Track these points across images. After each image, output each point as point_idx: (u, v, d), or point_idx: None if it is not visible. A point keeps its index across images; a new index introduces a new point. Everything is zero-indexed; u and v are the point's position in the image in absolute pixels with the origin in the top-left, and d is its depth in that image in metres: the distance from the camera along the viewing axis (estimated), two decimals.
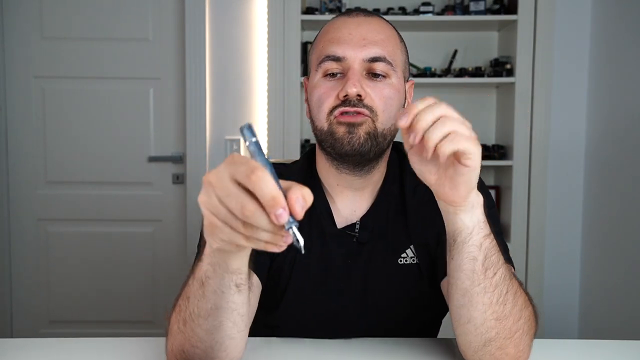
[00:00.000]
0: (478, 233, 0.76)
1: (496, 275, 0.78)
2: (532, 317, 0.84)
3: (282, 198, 0.55)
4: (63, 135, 2.72)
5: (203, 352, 0.79)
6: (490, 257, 0.77)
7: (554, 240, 2.66)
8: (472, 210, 0.75)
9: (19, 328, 2.78)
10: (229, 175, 0.57)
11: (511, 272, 0.81)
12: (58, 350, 0.99)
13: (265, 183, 0.55)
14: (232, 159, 0.58)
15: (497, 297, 0.78)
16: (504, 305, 0.79)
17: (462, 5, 2.51)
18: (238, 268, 0.71)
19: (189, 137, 2.63)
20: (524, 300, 0.82)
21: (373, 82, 0.95)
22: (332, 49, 0.96)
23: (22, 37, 2.69)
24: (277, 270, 1.03)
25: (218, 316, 0.76)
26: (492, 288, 0.78)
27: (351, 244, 1.02)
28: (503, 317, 0.79)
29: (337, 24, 0.99)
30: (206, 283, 0.74)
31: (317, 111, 0.97)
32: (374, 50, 0.95)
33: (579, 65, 2.62)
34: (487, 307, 0.79)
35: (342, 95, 0.93)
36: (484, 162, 2.52)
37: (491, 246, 0.77)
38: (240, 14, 2.63)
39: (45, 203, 2.75)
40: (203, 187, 0.60)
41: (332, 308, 1.03)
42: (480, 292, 0.78)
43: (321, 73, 0.97)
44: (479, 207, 0.76)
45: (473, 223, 0.76)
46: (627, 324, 2.23)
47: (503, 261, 0.79)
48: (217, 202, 0.58)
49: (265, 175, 0.55)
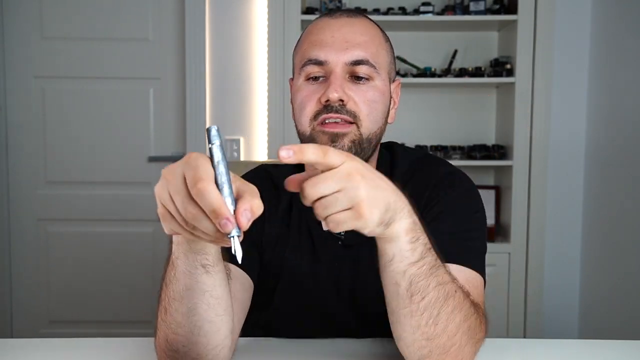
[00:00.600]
0: (401, 261, 0.73)
1: (425, 299, 0.75)
2: (475, 326, 0.82)
3: (223, 209, 0.58)
4: (63, 135, 2.72)
5: (184, 337, 0.79)
6: (417, 283, 0.74)
7: (554, 240, 2.66)
8: (392, 240, 0.72)
9: (19, 328, 2.78)
10: (181, 174, 0.61)
11: (448, 291, 0.77)
12: (58, 350, 0.99)
13: (207, 196, 0.57)
14: (187, 159, 0.61)
15: (426, 319, 0.76)
16: (435, 325, 0.77)
17: (462, 5, 2.51)
18: (201, 249, 0.72)
19: (189, 137, 2.63)
20: (464, 314, 0.79)
21: (356, 85, 0.94)
22: (314, 52, 0.95)
23: (22, 37, 2.69)
24: (266, 269, 1.03)
25: (192, 297, 0.76)
26: (420, 312, 0.76)
27: (337, 246, 1.02)
28: (435, 336, 0.78)
29: (319, 25, 0.98)
30: (176, 264, 0.74)
31: (300, 115, 0.97)
32: (356, 52, 0.94)
33: (579, 65, 2.62)
34: (416, 329, 0.77)
35: (323, 100, 0.92)
36: (484, 162, 2.53)
37: (420, 272, 0.74)
38: (240, 14, 2.63)
39: (45, 203, 2.75)
40: (161, 178, 0.63)
41: (322, 308, 1.03)
42: (407, 314, 0.77)
43: (304, 76, 0.96)
44: (404, 236, 0.72)
45: (393, 252, 0.73)
46: (627, 324, 2.23)
47: (436, 284, 0.76)
48: (168, 196, 0.62)
49: (207, 188, 0.58)
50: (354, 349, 0.98)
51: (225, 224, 0.58)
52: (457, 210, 0.99)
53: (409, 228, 0.72)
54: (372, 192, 0.65)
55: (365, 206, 0.64)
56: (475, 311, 0.82)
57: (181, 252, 0.73)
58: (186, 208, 0.59)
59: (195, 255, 0.73)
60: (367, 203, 0.65)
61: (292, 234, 1.03)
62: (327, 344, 1.00)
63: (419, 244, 0.74)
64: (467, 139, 2.70)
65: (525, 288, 2.54)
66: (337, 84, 0.92)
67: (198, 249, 0.72)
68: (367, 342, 1.01)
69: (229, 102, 2.66)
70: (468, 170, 1.17)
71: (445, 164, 1.07)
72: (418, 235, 0.73)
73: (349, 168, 0.64)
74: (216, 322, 0.79)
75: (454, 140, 2.69)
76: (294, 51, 1.03)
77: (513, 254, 2.54)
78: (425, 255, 0.74)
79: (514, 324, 2.55)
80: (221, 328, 0.81)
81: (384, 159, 1.05)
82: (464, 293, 0.81)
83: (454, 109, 2.74)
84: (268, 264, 1.03)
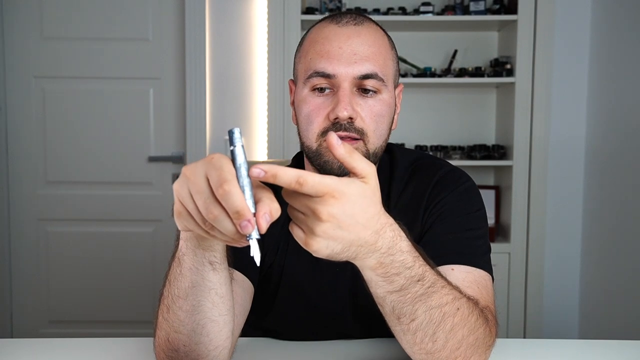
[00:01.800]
0: (377, 288, 0.73)
1: (414, 322, 0.75)
2: (484, 336, 0.81)
3: (246, 211, 0.59)
4: (63, 135, 2.72)
5: (186, 336, 0.79)
6: (400, 309, 0.74)
7: (554, 240, 2.66)
8: (362, 268, 0.72)
9: (19, 328, 2.78)
10: (203, 174, 0.61)
11: (444, 312, 0.75)
12: (58, 350, 0.99)
13: (232, 197, 0.58)
14: (210, 160, 0.61)
15: (420, 337, 0.76)
16: (434, 342, 0.76)
17: (462, 5, 2.51)
18: (210, 246, 0.73)
19: (189, 137, 2.63)
20: (468, 329, 0.78)
21: (363, 99, 0.93)
22: (321, 64, 0.92)
23: (22, 37, 2.69)
24: (267, 274, 1.03)
25: (197, 295, 0.76)
26: (412, 332, 0.76)
27: None
28: (435, 350, 0.77)
29: (325, 34, 0.95)
30: (182, 260, 0.75)
31: (306, 128, 0.95)
32: (365, 66, 0.92)
33: (579, 66, 2.62)
34: (412, 345, 0.77)
35: (332, 118, 0.91)
36: (484, 162, 2.53)
37: (403, 300, 0.73)
38: (240, 14, 2.63)
39: (45, 203, 2.75)
40: (180, 176, 0.64)
41: (323, 312, 1.03)
42: (400, 332, 0.77)
43: (309, 87, 0.94)
44: (373, 270, 0.71)
45: (366, 276, 0.73)
46: (627, 324, 2.23)
47: (426, 309, 0.74)
48: (188, 195, 0.62)
49: (232, 190, 0.59)
50: (353, 350, 0.98)
51: (247, 226, 0.59)
52: (460, 210, 0.98)
53: (378, 265, 0.70)
54: (332, 231, 0.64)
55: (313, 240, 0.65)
56: (483, 322, 0.81)
57: (190, 248, 0.73)
58: (208, 208, 0.60)
59: (204, 252, 0.73)
60: (317, 239, 0.65)
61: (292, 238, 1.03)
62: (326, 345, 1.00)
63: (400, 277, 0.72)
64: (467, 139, 2.70)
65: (525, 288, 2.54)
66: (346, 101, 0.90)
67: (207, 246, 0.73)
68: (367, 343, 1.01)
69: (229, 102, 2.66)
70: (468, 170, 1.17)
71: (444, 164, 1.07)
72: (397, 272, 0.71)
73: (340, 193, 0.63)
74: (219, 321, 0.79)
75: (454, 140, 2.69)
76: (296, 56, 1.01)
77: (513, 254, 2.54)
78: (408, 287, 0.73)
79: (514, 324, 2.55)
80: (223, 328, 0.81)
81: (383, 161, 1.05)
82: (470, 306, 0.79)
83: (454, 109, 2.74)
84: (268, 269, 1.03)
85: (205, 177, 0.61)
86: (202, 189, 0.61)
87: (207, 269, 0.75)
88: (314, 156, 0.95)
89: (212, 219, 0.60)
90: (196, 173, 0.61)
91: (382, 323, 1.05)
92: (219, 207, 0.60)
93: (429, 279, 0.75)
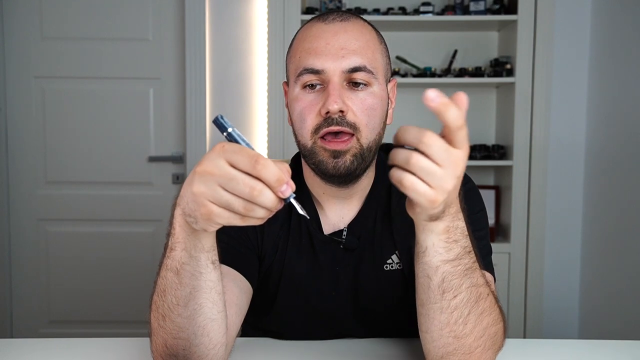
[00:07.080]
0: (434, 256, 0.74)
1: (456, 298, 0.76)
2: (499, 333, 0.82)
3: (285, 175, 0.63)
4: (63, 135, 2.72)
5: (185, 341, 0.79)
6: (449, 282, 0.75)
7: (554, 240, 2.66)
8: (429, 233, 0.73)
9: (19, 328, 2.78)
10: (225, 163, 0.62)
11: (480, 293, 0.78)
12: (58, 350, 0.99)
13: (270, 168, 0.61)
14: (222, 148, 0.63)
15: (456, 317, 0.77)
16: (465, 325, 0.77)
17: (462, 5, 2.51)
18: (212, 245, 0.75)
19: (189, 137, 2.63)
20: (493, 318, 0.80)
21: (354, 92, 0.93)
22: (309, 61, 0.93)
23: (22, 37, 2.69)
24: (267, 274, 1.03)
25: (198, 298, 0.76)
26: (451, 310, 0.76)
27: (338, 250, 1.02)
28: (463, 335, 0.78)
29: (313, 32, 0.96)
30: (182, 270, 0.75)
31: (300, 126, 0.95)
32: (353, 59, 0.92)
33: (579, 65, 2.62)
34: (444, 326, 0.78)
35: (323, 112, 0.91)
36: (484, 162, 2.53)
37: (454, 271, 0.75)
38: (240, 14, 2.63)
39: (45, 203, 2.75)
40: (196, 178, 0.64)
41: (323, 312, 1.03)
42: (437, 310, 0.77)
43: (300, 85, 0.95)
44: (440, 234, 0.73)
45: (427, 244, 0.74)
46: (627, 324, 2.23)
47: (469, 285, 0.76)
48: (219, 188, 0.63)
49: (267, 162, 0.61)
50: (353, 350, 0.98)
51: (287, 189, 0.63)
52: None
53: (447, 228, 0.73)
54: (454, 191, 0.68)
55: (441, 197, 0.66)
56: (502, 319, 0.83)
57: (192, 256, 0.73)
58: (252, 187, 0.61)
59: (207, 254, 0.74)
60: (446, 197, 0.66)
61: (292, 238, 1.03)
62: (327, 345, 1.00)
63: (457, 245, 0.74)
64: None
65: (525, 288, 2.54)
66: (335, 95, 0.91)
67: (209, 246, 0.74)
68: (367, 343, 1.01)
69: (229, 102, 2.66)
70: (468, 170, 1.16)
71: None
72: (457, 238, 0.74)
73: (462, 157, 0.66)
74: (218, 319, 0.80)
75: None
76: (287, 57, 1.02)
77: (513, 254, 2.54)
78: (462, 257, 0.75)
79: (514, 324, 2.55)
80: (222, 325, 0.81)
81: (383, 162, 1.04)
82: (495, 298, 0.82)
83: None
84: (269, 268, 1.03)
85: (229, 164, 0.62)
86: (234, 175, 0.62)
87: (209, 269, 0.75)
88: (308, 154, 0.95)
89: (256, 195, 0.62)
90: (218, 166, 0.63)
91: (382, 323, 1.05)
92: (259, 182, 0.62)
93: (473, 254, 0.77)
